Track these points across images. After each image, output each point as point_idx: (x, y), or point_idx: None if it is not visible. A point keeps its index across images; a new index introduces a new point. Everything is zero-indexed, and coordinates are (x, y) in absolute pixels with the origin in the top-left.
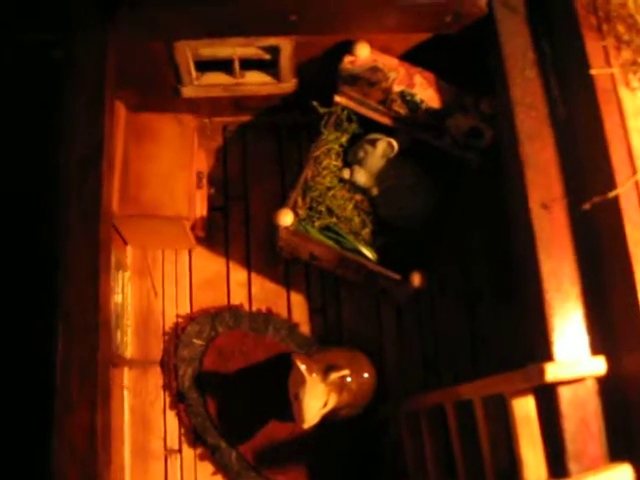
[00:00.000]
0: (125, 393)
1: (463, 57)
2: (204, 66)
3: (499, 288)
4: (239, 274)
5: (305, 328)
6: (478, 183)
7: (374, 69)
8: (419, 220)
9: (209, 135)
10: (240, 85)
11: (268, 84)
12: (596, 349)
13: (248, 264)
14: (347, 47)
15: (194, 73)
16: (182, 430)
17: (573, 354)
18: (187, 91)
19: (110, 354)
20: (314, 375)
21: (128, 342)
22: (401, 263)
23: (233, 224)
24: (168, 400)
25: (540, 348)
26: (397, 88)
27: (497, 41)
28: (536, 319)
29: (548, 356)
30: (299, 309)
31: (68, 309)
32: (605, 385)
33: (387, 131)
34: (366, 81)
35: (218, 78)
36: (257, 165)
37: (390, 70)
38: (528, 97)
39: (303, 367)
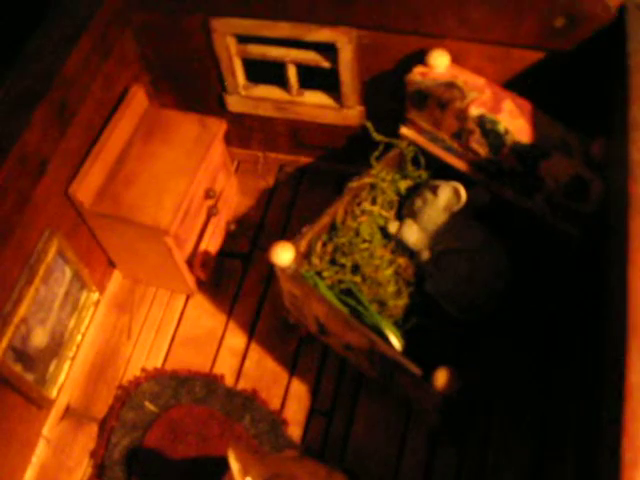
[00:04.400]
0: (41, 444)
1: (579, 87)
2: (257, 78)
3: (589, 445)
4: (236, 340)
5: (296, 431)
6: (575, 266)
7: (449, 85)
8: (478, 307)
9: (260, 173)
10: (295, 105)
11: (328, 108)
12: None
13: (251, 331)
14: None
15: (241, 79)
16: None
17: None
18: (232, 102)
19: None
20: None
21: (61, 377)
22: (434, 360)
23: (251, 278)
24: (89, 472)
25: None
26: (475, 111)
27: (624, 50)
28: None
29: None
30: (297, 404)
31: None
32: None
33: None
34: (437, 101)
35: (270, 92)
36: (304, 217)
37: (471, 90)
38: None
39: (237, 466)
